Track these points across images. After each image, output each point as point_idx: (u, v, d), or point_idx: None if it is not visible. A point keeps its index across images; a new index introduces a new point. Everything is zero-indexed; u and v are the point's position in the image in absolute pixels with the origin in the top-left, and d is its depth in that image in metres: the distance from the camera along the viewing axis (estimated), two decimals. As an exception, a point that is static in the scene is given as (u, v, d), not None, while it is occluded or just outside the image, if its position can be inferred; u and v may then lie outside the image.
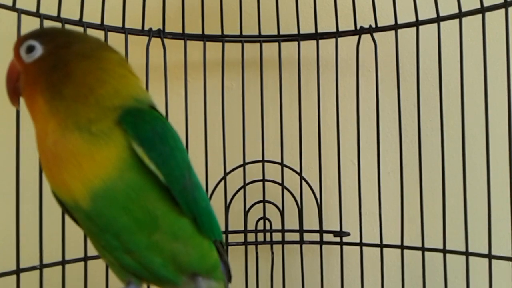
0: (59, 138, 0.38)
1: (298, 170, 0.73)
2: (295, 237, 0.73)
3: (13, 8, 0.57)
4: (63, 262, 0.60)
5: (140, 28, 0.68)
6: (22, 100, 0.42)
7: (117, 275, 0.45)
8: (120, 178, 0.38)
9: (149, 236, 0.40)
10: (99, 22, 0.64)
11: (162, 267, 0.42)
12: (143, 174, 0.39)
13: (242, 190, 0.72)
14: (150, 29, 0.68)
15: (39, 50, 0.40)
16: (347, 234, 0.71)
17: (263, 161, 0.72)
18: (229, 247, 0.71)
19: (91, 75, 0.39)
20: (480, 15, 0.61)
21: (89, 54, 0.40)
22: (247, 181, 0.72)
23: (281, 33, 0.74)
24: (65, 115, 0.38)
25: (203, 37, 0.71)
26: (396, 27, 0.68)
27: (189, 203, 0.41)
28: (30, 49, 0.40)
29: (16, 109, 0.55)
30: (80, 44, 0.41)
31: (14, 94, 0.42)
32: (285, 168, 0.73)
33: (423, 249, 0.65)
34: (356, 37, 0.71)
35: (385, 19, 0.70)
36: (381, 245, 0.68)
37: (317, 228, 0.73)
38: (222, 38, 0.72)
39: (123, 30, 0.66)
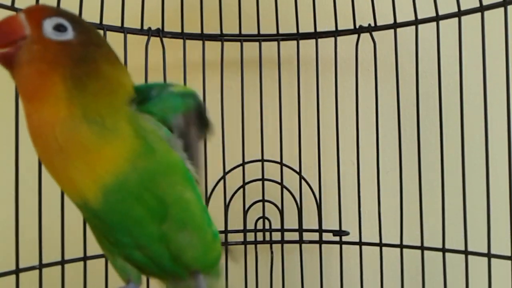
0: (69, 129, 0.36)
1: (298, 170, 0.73)
2: (295, 236, 0.73)
3: (12, 7, 0.57)
4: (63, 262, 0.60)
5: (139, 27, 0.68)
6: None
7: (117, 272, 0.45)
8: (133, 169, 0.38)
9: (159, 226, 0.40)
10: (97, 21, 0.64)
11: (171, 261, 0.42)
12: (154, 159, 0.39)
13: (241, 190, 0.72)
14: (149, 28, 0.68)
15: (69, 34, 0.38)
16: (347, 233, 0.71)
17: (262, 160, 0.72)
18: (228, 247, 0.71)
19: (115, 80, 0.40)
20: (479, 14, 0.61)
21: (113, 61, 0.41)
22: (246, 181, 0.72)
23: (280, 32, 0.74)
24: (80, 107, 0.37)
25: (202, 37, 0.71)
26: (395, 26, 0.68)
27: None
28: (60, 28, 0.38)
29: (15, 108, 0.55)
30: (107, 49, 0.41)
31: (5, 58, 0.37)
32: (284, 168, 0.73)
33: (422, 248, 0.65)
34: (355, 36, 0.71)
35: (384, 18, 0.70)
36: (381, 244, 0.68)
37: (317, 227, 0.73)
38: (221, 38, 0.72)
39: (122, 29, 0.66)
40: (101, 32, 0.64)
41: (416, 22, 0.66)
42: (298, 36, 0.73)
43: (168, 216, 0.40)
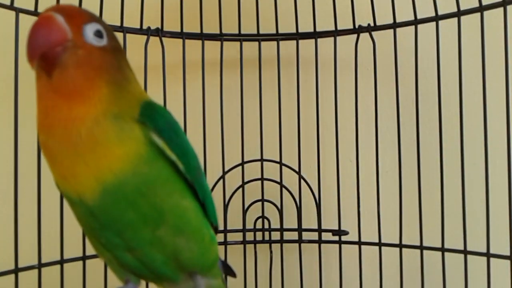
0: (96, 126, 0.37)
1: (297, 169, 0.73)
2: (294, 236, 0.73)
3: (11, 7, 0.56)
4: (62, 261, 0.60)
5: (138, 27, 0.68)
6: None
7: (115, 273, 0.45)
8: (133, 172, 0.38)
9: (153, 232, 0.40)
10: (97, 21, 0.64)
11: (163, 264, 0.42)
12: (155, 167, 0.40)
13: (240, 189, 0.72)
14: (149, 28, 0.68)
15: (104, 40, 0.39)
16: (346, 233, 0.71)
17: (261, 160, 0.72)
18: (228, 246, 0.71)
19: (134, 83, 0.42)
20: (478, 14, 0.61)
21: (129, 65, 0.42)
22: (245, 180, 0.72)
23: (280, 32, 0.74)
24: (115, 108, 0.38)
25: (202, 36, 0.71)
26: (394, 25, 0.68)
27: (200, 190, 0.43)
28: (99, 34, 0.39)
29: (14, 108, 0.55)
30: (124, 54, 0.43)
31: (46, 57, 0.37)
32: (283, 167, 0.73)
33: (421, 247, 0.65)
34: (355, 35, 0.71)
35: (384, 18, 0.70)
36: (380, 244, 0.68)
37: (316, 227, 0.73)
38: (220, 37, 0.72)
39: (121, 29, 0.66)
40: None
41: (416, 22, 0.66)
42: (297, 36, 0.73)
43: (164, 222, 0.41)
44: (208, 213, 0.45)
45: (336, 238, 0.72)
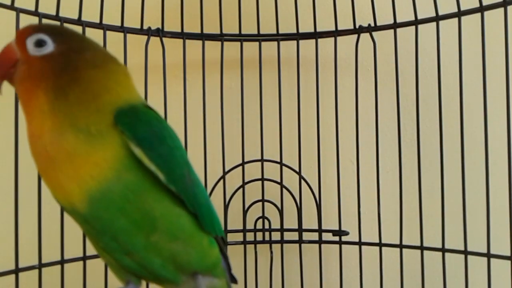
0: (56, 138, 0.38)
1: (297, 169, 0.73)
2: (294, 236, 0.73)
3: (11, 7, 0.57)
4: (62, 262, 0.60)
5: (139, 27, 0.68)
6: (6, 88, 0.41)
7: (116, 275, 0.45)
8: (117, 179, 0.38)
9: (147, 238, 0.40)
10: (97, 21, 0.64)
11: (162, 267, 0.42)
12: (141, 175, 0.39)
13: (241, 189, 0.72)
14: (149, 28, 0.68)
15: (50, 47, 0.39)
16: (346, 233, 0.71)
17: (262, 160, 0.72)
18: (228, 247, 0.71)
19: (98, 83, 0.40)
20: (479, 14, 0.61)
21: (99, 64, 0.41)
22: (246, 180, 0.72)
23: (280, 32, 0.74)
24: (64, 116, 0.38)
25: (202, 36, 0.71)
26: (395, 26, 0.68)
27: (190, 200, 0.42)
28: (41, 43, 0.39)
29: (15, 109, 0.55)
30: (92, 52, 0.41)
31: (2, 79, 0.40)
32: (284, 167, 0.73)
33: (422, 248, 0.65)
34: (355, 36, 0.71)
35: (384, 18, 0.70)
36: (380, 244, 0.68)
37: (316, 227, 0.73)
38: (221, 37, 0.72)
39: (122, 29, 0.66)
40: (101, 31, 0.64)
41: (416, 22, 0.66)
42: (298, 36, 0.73)
43: (157, 228, 0.40)
44: (204, 224, 0.43)
45: (337, 238, 0.72)
